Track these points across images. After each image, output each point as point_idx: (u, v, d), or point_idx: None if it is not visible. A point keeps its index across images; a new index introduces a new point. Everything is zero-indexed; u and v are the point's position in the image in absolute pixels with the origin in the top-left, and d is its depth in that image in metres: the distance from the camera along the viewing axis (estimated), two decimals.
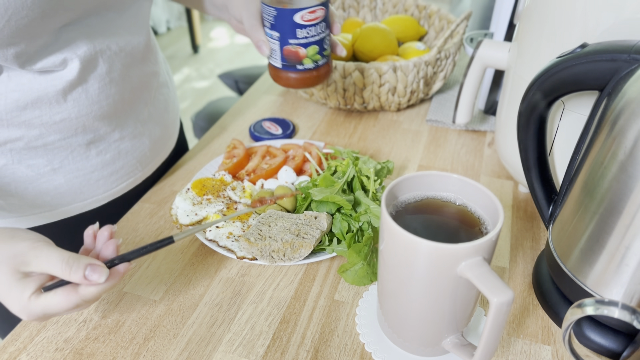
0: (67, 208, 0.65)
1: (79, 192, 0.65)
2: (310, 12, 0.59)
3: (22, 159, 0.59)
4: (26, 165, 0.59)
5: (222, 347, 0.49)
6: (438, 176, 0.46)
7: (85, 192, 0.65)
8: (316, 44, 0.62)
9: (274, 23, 0.61)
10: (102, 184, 0.66)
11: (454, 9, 1.38)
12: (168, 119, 0.76)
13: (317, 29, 0.61)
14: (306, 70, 0.63)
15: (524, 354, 0.49)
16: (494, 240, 0.40)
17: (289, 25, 0.60)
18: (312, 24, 0.60)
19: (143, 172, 0.71)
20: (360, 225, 0.59)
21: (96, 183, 0.66)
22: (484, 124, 0.84)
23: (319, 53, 0.63)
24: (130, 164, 0.69)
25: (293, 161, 0.72)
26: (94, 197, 0.67)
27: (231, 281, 0.56)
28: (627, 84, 0.42)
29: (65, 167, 0.62)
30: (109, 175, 0.67)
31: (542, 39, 0.55)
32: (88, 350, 0.49)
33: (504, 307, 0.37)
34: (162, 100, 0.74)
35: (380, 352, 0.48)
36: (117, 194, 0.69)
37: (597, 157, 0.43)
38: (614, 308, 0.38)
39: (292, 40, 0.61)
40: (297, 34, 0.60)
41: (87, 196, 0.66)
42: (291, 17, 0.59)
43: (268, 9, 0.60)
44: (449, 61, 0.88)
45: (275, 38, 0.62)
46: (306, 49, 0.61)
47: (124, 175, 0.69)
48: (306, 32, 0.60)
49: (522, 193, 0.70)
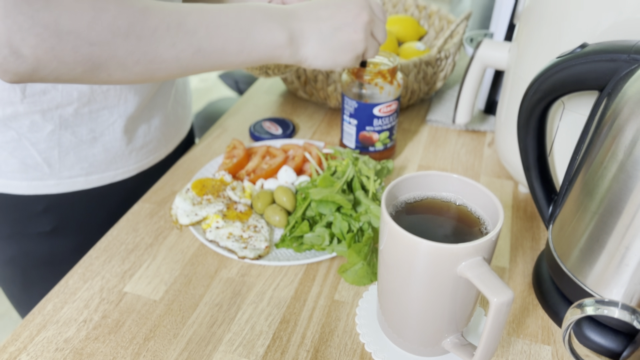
0: (100, 176, 0.70)
1: (112, 162, 0.70)
2: (387, 106, 0.70)
3: (69, 125, 0.63)
4: (71, 132, 0.64)
5: (222, 347, 0.49)
6: (438, 176, 0.46)
7: (118, 162, 0.71)
8: (388, 131, 0.73)
9: (353, 113, 0.71)
10: (134, 155, 0.72)
11: (454, 9, 1.38)
12: (186, 100, 0.84)
13: (390, 119, 0.71)
14: (376, 151, 0.74)
15: (524, 354, 0.49)
16: (494, 240, 0.40)
17: (367, 116, 0.70)
18: (386, 116, 0.71)
19: (166, 147, 0.78)
20: (360, 225, 0.59)
21: (129, 155, 0.71)
22: (484, 124, 0.84)
23: (389, 137, 0.74)
24: (157, 138, 0.75)
25: (293, 161, 0.72)
26: (125, 168, 0.72)
27: (231, 281, 0.56)
28: (627, 84, 0.42)
29: (105, 137, 0.67)
30: (140, 148, 0.73)
31: (542, 39, 0.55)
32: (88, 350, 0.49)
33: (504, 307, 0.37)
34: (181, 82, 0.82)
35: (380, 352, 0.48)
36: (144, 167, 0.75)
37: (597, 157, 0.43)
38: (614, 308, 0.38)
39: (368, 128, 0.71)
40: (374, 123, 0.71)
41: (119, 166, 0.71)
42: (371, 110, 0.69)
43: (350, 101, 0.70)
44: (449, 61, 0.88)
45: (352, 124, 0.72)
46: (379, 134, 0.72)
47: (152, 149, 0.75)
48: (381, 121, 0.71)
49: (522, 193, 0.70)
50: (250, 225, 0.61)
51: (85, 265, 0.58)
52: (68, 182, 0.68)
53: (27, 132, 0.62)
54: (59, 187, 0.67)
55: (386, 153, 0.75)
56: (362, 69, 0.68)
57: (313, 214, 0.61)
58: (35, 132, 0.62)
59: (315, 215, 0.61)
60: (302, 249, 0.59)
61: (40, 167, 0.65)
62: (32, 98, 0.60)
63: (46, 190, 0.67)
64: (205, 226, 0.61)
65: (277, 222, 0.62)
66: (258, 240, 0.59)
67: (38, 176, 0.65)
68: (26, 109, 0.60)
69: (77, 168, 0.67)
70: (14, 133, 0.62)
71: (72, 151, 0.65)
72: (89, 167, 0.68)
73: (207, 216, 0.62)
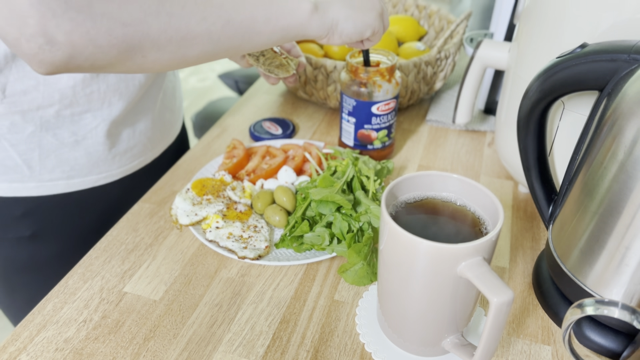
0: (82, 180, 0.69)
1: (95, 166, 0.69)
2: (385, 104, 0.70)
3: (50, 127, 0.63)
4: (52, 134, 0.64)
5: (222, 347, 0.49)
6: (438, 176, 0.46)
7: (101, 166, 0.70)
8: (386, 129, 0.73)
9: (351, 111, 0.71)
10: (117, 160, 0.72)
11: (454, 9, 1.38)
12: (175, 104, 0.83)
13: (388, 117, 0.72)
14: (375, 149, 0.74)
15: (524, 354, 0.49)
16: (494, 240, 0.40)
17: (366, 114, 0.70)
18: (384, 114, 0.71)
19: (152, 152, 0.78)
20: (360, 225, 0.59)
21: (112, 159, 0.71)
22: (484, 124, 0.84)
23: (387, 135, 0.74)
24: (142, 143, 0.74)
25: (293, 161, 0.72)
26: (108, 172, 0.71)
27: (231, 281, 0.56)
28: (627, 84, 0.42)
29: (87, 140, 0.67)
30: (124, 152, 0.72)
31: (542, 39, 0.55)
32: (88, 350, 0.49)
33: (504, 307, 0.37)
34: (170, 86, 0.81)
35: (380, 352, 0.48)
36: (128, 171, 0.74)
37: (597, 157, 0.43)
38: (614, 308, 0.38)
39: (367, 126, 0.72)
40: (372, 121, 0.71)
41: (102, 170, 0.71)
42: (369, 108, 0.70)
43: (349, 99, 0.71)
44: (449, 61, 0.88)
45: (351, 122, 0.72)
46: (377, 132, 0.72)
47: (136, 154, 0.74)
48: (379, 119, 0.71)
49: (522, 193, 0.70)
50: (250, 225, 0.61)
51: (85, 265, 0.58)
52: (49, 185, 0.67)
53: (6, 133, 0.62)
54: (40, 189, 0.67)
55: (385, 152, 0.75)
56: (360, 68, 0.68)
57: (313, 214, 0.61)
58: (15, 134, 0.62)
59: (315, 215, 0.61)
60: (302, 249, 0.59)
61: (20, 169, 0.64)
62: (12, 98, 0.59)
63: (26, 192, 0.66)
64: (205, 226, 0.61)
65: (277, 222, 0.62)
66: (258, 240, 0.59)
67: (18, 178, 0.65)
68: (6, 109, 0.60)
69: (58, 171, 0.66)
70: None
71: (53, 154, 0.65)
72: (70, 170, 0.67)
73: (207, 216, 0.62)
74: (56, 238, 0.71)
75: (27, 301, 0.55)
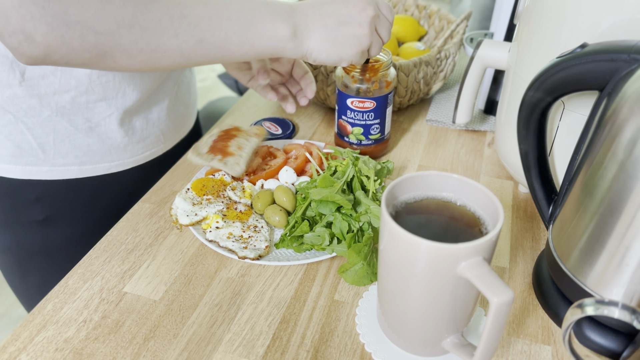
0: (95, 167, 0.71)
1: (107, 153, 0.71)
2: (360, 102, 0.71)
3: (65, 113, 0.65)
4: (67, 120, 0.65)
5: (222, 347, 0.49)
6: (438, 176, 0.46)
7: (114, 154, 0.72)
8: (362, 127, 0.73)
9: (336, 99, 0.74)
10: (130, 149, 0.73)
11: (454, 9, 1.38)
12: (189, 99, 0.85)
13: (364, 115, 0.72)
14: (351, 143, 0.76)
15: (524, 354, 0.49)
16: (494, 240, 0.40)
17: (342, 105, 0.73)
18: (359, 111, 0.72)
19: (165, 144, 0.79)
20: (360, 225, 0.59)
21: (125, 147, 0.72)
22: (484, 124, 0.84)
23: (363, 134, 0.74)
24: (155, 134, 0.76)
25: (294, 161, 0.72)
26: (120, 160, 0.73)
27: (231, 281, 0.56)
28: (627, 84, 0.42)
29: (100, 127, 0.68)
30: (137, 142, 0.74)
31: (542, 39, 0.55)
32: (88, 350, 0.49)
33: (504, 307, 0.37)
34: (185, 82, 0.82)
35: (380, 352, 0.48)
36: (141, 161, 0.76)
37: (597, 157, 0.43)
38: (614, 308, 0.38)
39: (344, 117, 0.74)
40: (347, 114, 0.73)
41: (114, 158, 0.72)
42: (345, 100, 0.72)
43: (337, 89, 0.73)
44: (449, 61, 0.88)
45: (336, 110, 0.75)
46: (352, 127, 0.74)
47: (149, 145, 0.76)
48: (354, 115, 0.72)
49: (522, 193, 0.70)
50: (250, 226, 0.61)
51: (85, 265, 0.58)
52: (62, 170, 0.68)
53: (24, 116, 0.63)
54: (53, 173, 0.68)
55: (369, 149, 0.76)
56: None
57: (313, 214, 0.61)
58: (32, 117, 0.63)
59: (315, 215, 0.61)
60: (302, 249, 0.59)
61: (35, 152, 0.66)
62: (31, 81, 0.61)
63: (40, 175, 0.67)
64: (205, 226, 0.61)
65: (277, 222, 0.62)
66: (258, 240, 0.59)
67: (32, 161, 0.66)
68: (24, 92, 0.61)
69: (72, 156, 0.68)
70: (10, 117, 0.63)
71: (67, 139, 0.67)
72: (83, 156, 0.69)
73: (207, 216, 0.62)
74: (69, 223, 0.73)
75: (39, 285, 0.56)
